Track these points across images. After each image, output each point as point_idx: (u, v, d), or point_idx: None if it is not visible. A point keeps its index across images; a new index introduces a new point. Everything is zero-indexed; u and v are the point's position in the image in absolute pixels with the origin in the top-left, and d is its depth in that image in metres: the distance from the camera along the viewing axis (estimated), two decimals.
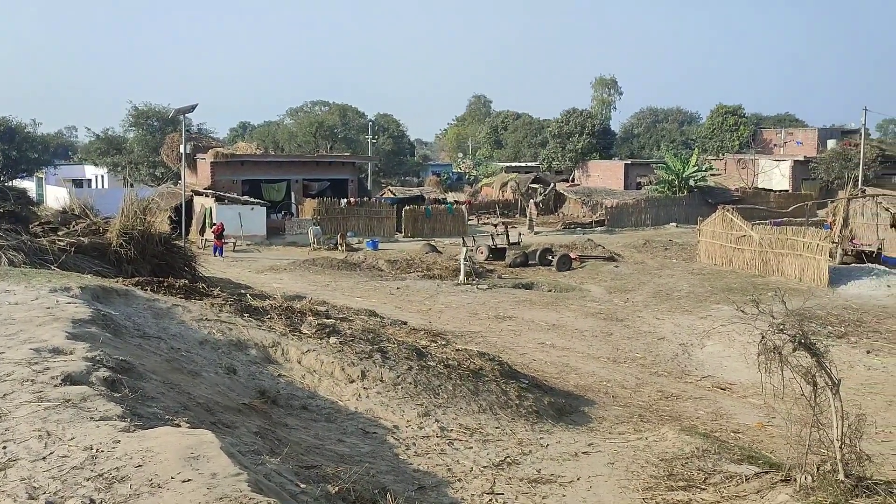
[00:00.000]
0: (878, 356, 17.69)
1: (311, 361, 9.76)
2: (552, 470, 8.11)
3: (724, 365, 16.88)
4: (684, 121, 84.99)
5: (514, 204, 52.18)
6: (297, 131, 78.48)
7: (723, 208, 32.56)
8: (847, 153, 53.19)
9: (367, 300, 21.44)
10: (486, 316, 20.55)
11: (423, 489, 6.80)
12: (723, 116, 67.96)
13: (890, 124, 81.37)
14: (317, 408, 8.56)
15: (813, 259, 26.47)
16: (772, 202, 49.00)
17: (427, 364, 10.73)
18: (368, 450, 7.55)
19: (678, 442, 9.36)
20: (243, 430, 6.27)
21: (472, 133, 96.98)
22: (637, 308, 22.98)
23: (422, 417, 9.03)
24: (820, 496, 6.67)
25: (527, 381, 12.15)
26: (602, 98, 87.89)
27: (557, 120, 69.81)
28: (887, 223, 34.03)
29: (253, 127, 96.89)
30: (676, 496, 7.47)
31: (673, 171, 49.27)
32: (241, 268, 28.00)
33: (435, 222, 42.25)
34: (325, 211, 40.47)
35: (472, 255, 30.15)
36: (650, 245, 35.66)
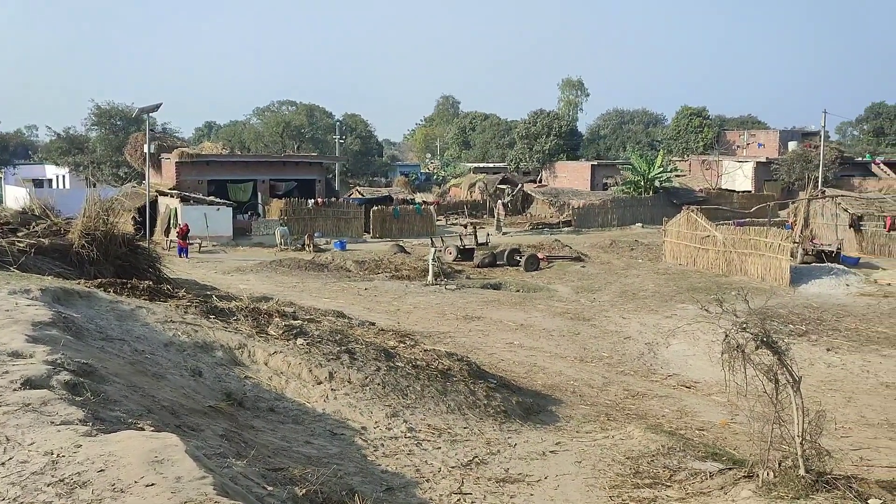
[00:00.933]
0: (838, 354, 18.08)
1: (279, 363, 9.68)
2: (520, 469, 8.15)
3: (688, 363, 17.11)
4: (650, 122, 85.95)
5: (482, 204, 52.32)
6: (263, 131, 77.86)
7: (687, 209, 33.01)
8: (807, 155, 54.26)
9: (335, 301, 21.34)
10: (454, 316, 20.58)
11: (391, 490, 6.78)
12: (687, 118, 68.87)
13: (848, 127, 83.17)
14: (284, 410, 8.50)
15: (775, 259, 26.96)
16: (735, 203, 49.77)
17: (395, 365, 10.71)
18: (336, 451, 7.51)
19: (644, 440, 9.47)
20: (209, 432, 6.20)
21: (441, 134, 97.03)
22: (604, 308, 23.20)
23: (390, 418, 9.02)
24: (781, 491, 6.79)
25: (495, 380, 12.19)
26: (569, 99, 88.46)
27: (525, 121, 70.17)
28: (846, 223, 34.83)
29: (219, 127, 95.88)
30: (642, 494, 7.55)
31: (639, 171, 49.81)
32: (207, 269, 27.67)
33: (403, 223, 42.18)
34: (293, 211, 40.17)
35: (441, 256, 30.17)
36: (616, 245, 36.01)
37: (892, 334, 20.10)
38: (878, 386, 15.74)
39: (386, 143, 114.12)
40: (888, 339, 19.65)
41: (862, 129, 76.82)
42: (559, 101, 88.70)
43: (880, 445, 11.74)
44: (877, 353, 18.27)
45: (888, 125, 71.23)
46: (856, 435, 12.28)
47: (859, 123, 78.11)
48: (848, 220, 34.85)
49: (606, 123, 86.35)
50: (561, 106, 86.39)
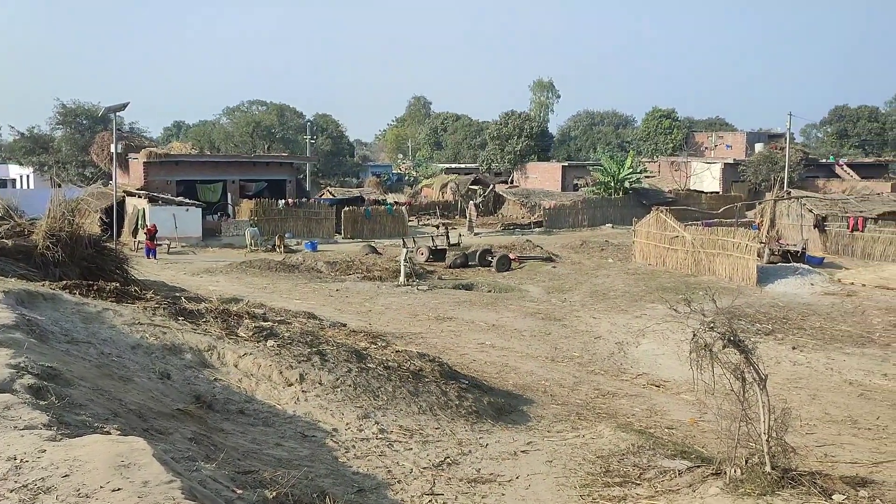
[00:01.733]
0: (803, 352, 18.39)
1: (249, 365, 9.60)
2: (492, 469, 8.17)
3: (658, 362, 17.28)
4: (620, 124, 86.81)
5: (454, 205, 52.39)
6: (233, 131, 77.22)
7: (657, 209, 33.34)
8: (773, 156, 55.17)
9: (306, 302, 21.22)
10: (426, 317, 20.57)
11: (362, 492, 6.76)
12: (657, 120, 69.67)
13: (813, 129, 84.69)
14: (254, 412, 8.43)
15: (742, 259, 27.35)
16: (703, 203, 50.41)
17: (367, 366, 10.68)
18: (307, 453, 7.47)
19: (614, 439, 9.55)
20: (177, 436, 6.13)
21: (412, 134, 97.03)
22: (574, 308, 23.35)
23: (361, 420, 8.99)
24: (748, 488, 6.90)
25: (467, 381, 12.21)
26: (540, 100, 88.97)
27: (496, 122, 70.44)
28: (811, 224, 35.47)
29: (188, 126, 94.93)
30: (612, 492, 7.62)
31: (609, 173, 50.24)
32: (176, 270, 27.35)
33: (375, 223, 42.08)
34: (263, 212, 39.88)
35: (413, 257, 30.14)
36: (587, 246, 36.26)
37: (855, 333, 20.50)
38: (841, 383, 16.04)
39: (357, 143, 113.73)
40: (851, 337, 20.04)
41: (826, 132, 78.32)
42: (530, 102, 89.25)
43: (844, 442, 11.96)
44: (840, 351, 18.62)
45: (851, 127, 72.69)
46: (820, 432, 12.50)
47: (823, 126, 79.63)
48: (812, 220, 35.48)
49: (577, 125, 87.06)
50: (532, 107, 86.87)
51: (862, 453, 11.26)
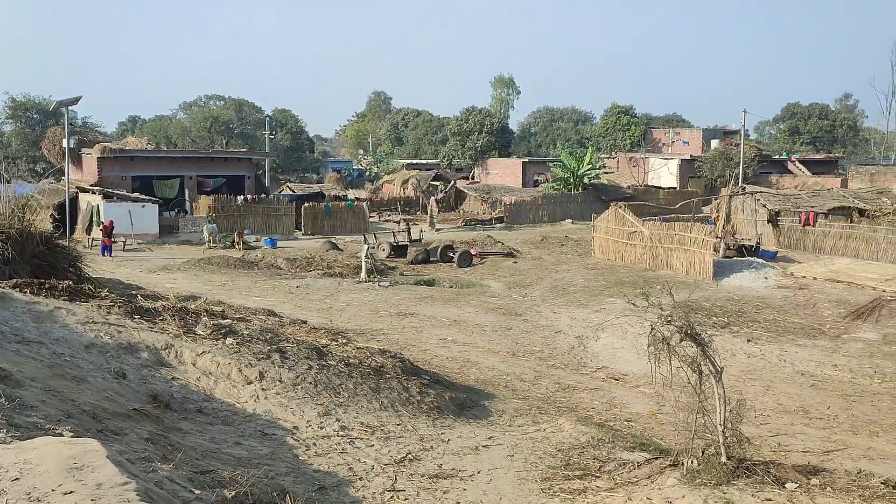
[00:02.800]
0: (757, 344, 18.80)
1: (207, 363, 9.48)
2: (453, 464, 8.19)
3: (617, 356, 17.50)
4: (579, 120, 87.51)
5: (415, 201, 52.29)
6: (190, 126, 75.98)
7: (615, 205, 33.70)
8: (729, 153, 56.17)
9: (266, 299, 21.00)
10: (387, 313, 20.52)
11: (323, 489, 6.73)
12: (616, 116, 70.39)
13: (766, 126, 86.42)
14: (213, 411, 8.32)
15: (699, 253, 27.83)
16: (661, 199, 51.10)
17: (327, 363, 10.62)
18: (267, 452, 7.40)
19: (574, 432, 9.65)
20: (133, 436, 6.02)
21: (373, 130, 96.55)
22: (535, 302, 23.51)
23: (322, 417, 8.94)
24: (705, 478, 7.03)
25: (428, 377, 12.22)
26: (501, 97, 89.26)
27: (457, 118, 70.49)
28: (764, 219, 36.22)
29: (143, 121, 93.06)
30: (573, 485, 7.70)
31: (568, 168, 50.62)
32: (132, 268, 26.83)
33: (335, 219, 41.77)
34: (221, 208, 39.27)
35: (374, 253, 30.01)
36: (547, 241, 36.51)
37: (806, 325, 21.03)
38: (794, 374, 16.44)
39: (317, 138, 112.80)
40: (803, 329, 20.55)
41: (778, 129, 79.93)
42: (491, 98, 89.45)
43: (796, 431, 12.27)
44: (793, 342, 19.08)
45: (803, 125, 74.31)
46: (774, 422, 12.81)
47: (776, 123, 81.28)
48: (766, 215, 36.22)
49: (537, 121, 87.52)
50: (493, 103, 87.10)
51: (813, 442, 11.57)
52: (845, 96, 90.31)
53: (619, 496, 7.25)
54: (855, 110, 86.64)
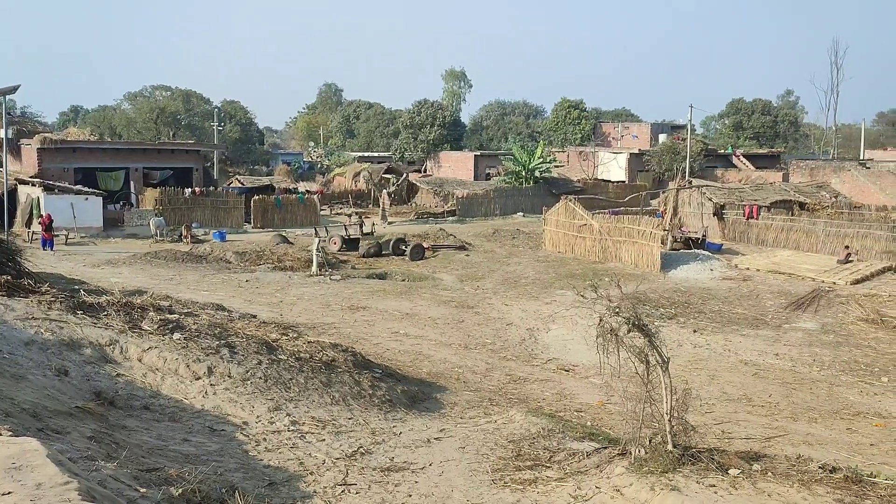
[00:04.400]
0: (703, 335, 19.25)
1: (153, 359, 9.30)
2: (405, 457, 8.20)
3: (567, 347, 17.71)
4: (530, 114, 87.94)
5: (367, 194, 52.01)
6: (136, 117, 74.19)
7: (566, 199, 34.07)
8: (676, 147, 57.21)
9: (215, 294, 20.66)
10: (339, 307, 20.40)
11: (273, 485, 6.66)
12: (566, 110, 71.02)
13: (712, 121, 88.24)
14: (160, 407, 8.17)
15: (647, 246, 28.32)
16: (610, 192, 51.83)
17: (278, 358, 10.51)
18: (216, 448, 7.30)
19: (525, 423, 9.74)
20: (75, 435, 5.87)
21: (324, 122, 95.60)
22: (487, 295, 23.64)
23: (272, 412, 8.85)
24: (652, 466, 7.17)
25: (380, 370, 12.20)
26: (452, 90, 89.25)
27: (409, 110, 70.27)
28: (710, 212, 37.04)
29: (86, 111, 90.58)
30: (523, 475, 7.77)
31: (520, 162, 50.94)
32: (75, 262, 26.11)
33: (286, 212, 41.30)
34: (168, 201, 38.45)
35: (325, 246, 29.77)
36: (499, 234, 36.73)
37: (750, 315, 21.60)
38: (738, 364, 16.88)
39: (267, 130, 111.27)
40: (747, 319, 21.10)
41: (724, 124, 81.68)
42: (443, 91, 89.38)
43: (739, 419, 12.60)
44: (737, 332, 19.58)
45: (746, 120, 76.07)
46: (718, 410, 13.13)
47: (721, 118, 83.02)
48: (712, 208, 37.05)
49: (489, 114, 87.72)
50: (444, 96, 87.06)
51: (756, 429, 11.90)
52: (787, 93, 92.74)
53: (568, 486, 7.35)
54: (796, 106, 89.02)
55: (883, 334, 19.53)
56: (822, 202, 40.39)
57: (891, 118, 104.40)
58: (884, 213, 37.19)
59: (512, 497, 7.19)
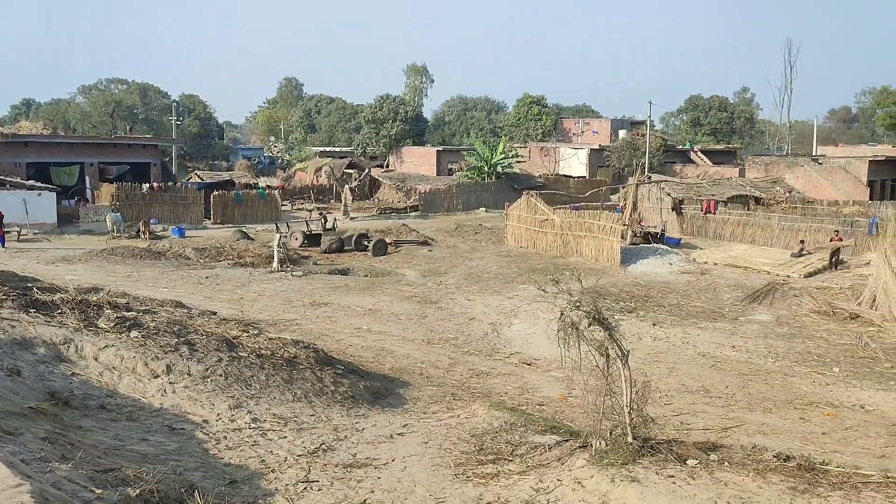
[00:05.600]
0: (662, 328, 19.54)
1: (110, 357, 9.12)
2: (368, 453, 8.18)
3: (529, 342, 17.84)
4: (492, 109, 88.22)
5: (328, 189, 51.66)
6: (90, 111, 72.70)
7: (527, 194, 34.27)
8: (636, 142, 57.90)
9: (173, 291, 20.35)
10: (300, 303, 20.25)
11: (234, 483, 6.60)
12: (527, 106, 71.35)
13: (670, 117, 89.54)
14: (117, 407, 8.02)
15: (607, 240, 28.64)
16: (571, 188, 52.21)
17: (238, 355, 10.40)
18: (175, 447, 7.20)
19: (488, 417, 9.79)
20: (28, 436, 5.73)
21: (285, 116, 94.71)
22: (450, 290, 23.68)
23: (233, 410, 8.76)
24: (612, 458, 7.27)
25: (342, 366, 12.14)
26: (414, 85, 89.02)
27: (371, 105, 69.95)
28: (669, 207, 37.60)
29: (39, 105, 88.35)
30: (486, 469, 7.81)
31: (482, 157, 51.07)
32: (28, 259, 25.48)
33: (246, 208, 40.82)
34: (126, 197, 37.71)
35: (286, 242, 29.52)
36: (462, 229, 36.81)
37: (708, 308, 21.99)
38: (696, 356, 17.17)
39: (227, 125, 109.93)
40: (705, 312, 21.48)
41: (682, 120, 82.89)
42: (405, 86, 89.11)
43: (698, 410, 12.82)
44: (695, 325, 19.92)
45: (704, 116, 77.29)
46: (677, 402, 13.34)
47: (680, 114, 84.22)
48: (671, 203, 37.61)
49: (451, 110, 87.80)
50: (406, 91, 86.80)
51: (713, 420, 12.12)
52: (743, 90, 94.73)
53: (530, 479, 7.41)
54: (752, 103, 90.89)
55: (834, 326, 20.05)
56: (777, 197, 41.29)
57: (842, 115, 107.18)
58: (835, 208, 38.18)
59: (474, 491, 7.22)
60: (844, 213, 36.04)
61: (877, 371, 16.36)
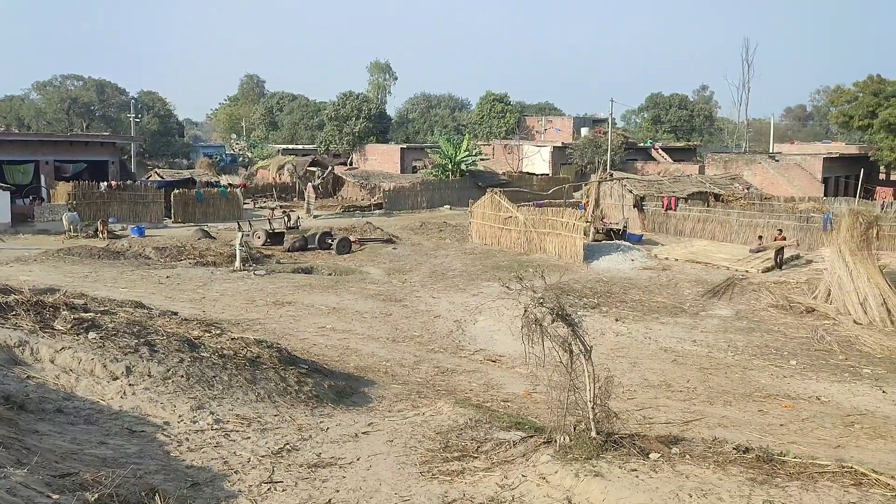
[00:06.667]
0: (625, 323, 19.77)
1: (67, 360, 8.93)
2: (332, 453, 8.13)
3: (494, 338, 17.91)
4: (456, 107, 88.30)
5: (291, 187, 51.22)
6: (45, 108, 71.04)
7: (492, 191, 34.38)
8: (598, 140, 58.44)
9: (133, 291, 19.99)
10: (264, 302, 20.05)
11: (197, 485, 6.51)
12: (491, 104, 71.55)
13: (632, 115, 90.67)
14: (74, 410, 7.86)
15: (570, 237, 28.89)
16: (535, 185, 52.53)
17: (200, 355, 10.26)
18: (135, 450, 7.08)
19: (453, 414, 9.80)
20: None
21: (246, 114, 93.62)
22: (415, 288, 23.66)
23: (195, 411, 8.64)
24: (576, 453, 7.33)
25: (306, 366, 12.05)
26: (378, 82, 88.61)
27: (334, 102, 69.52)
28: (631, 203, 38.05)
29: None
30: (451, 466, 7.82)
31: (446, 155, 51.09)
32: None
33: (208, 207, 40.24)
34: (83, 195, 36.87)
35: (249, 240, 29.20)
36: (426, 227, 36.79)
37: (669, 303, 22.31)
38: (658, 351, 17.42)
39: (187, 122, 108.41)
40: (666, 308, 21.79)
41: (643, 117, 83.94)
42: (368, 83, 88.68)
43: (660, 404, 13.01)
44: (657, 321, 20.20)
45: (664, 114, 78.37)
46: (640, 396, 13.52)
47: (641, 112, 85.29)
48: (632, 200, 38.07)
49: (414, 107, 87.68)
50: (370, 88, 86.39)
51: (675, 414, 12.31)
52: (702, 88, 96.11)
53: (495, 475, 7.44)
54: (711, 101, 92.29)
55: (791, 319, 20.50)
56: (736, 194, 42.06)
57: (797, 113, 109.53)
58: (791, 204, 39.03)
59: (440, 489, 7.22)
60: (800, 209, 36.85)
61: (832, 363, 16.78)
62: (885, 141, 45.04)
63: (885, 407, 13.78)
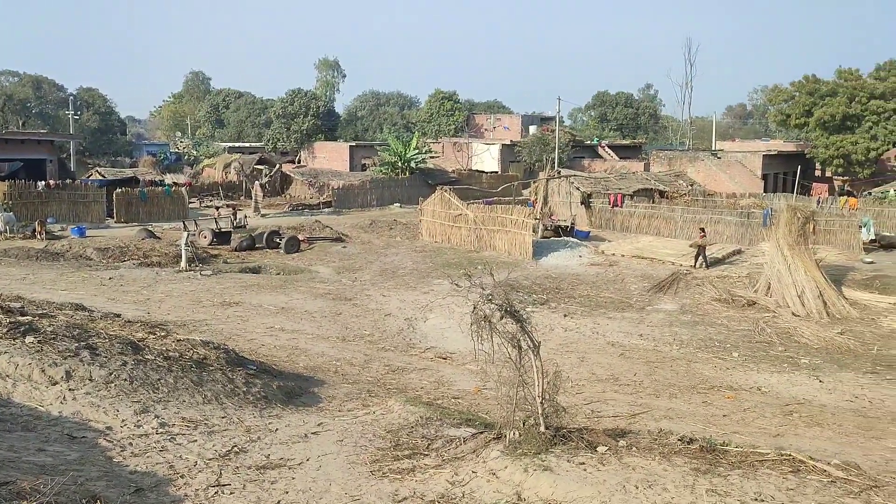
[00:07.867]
0: (573, 318, 20.03)
1: (3, 365, 8.65)
2: (281, 454, 8.05)
3: (444, 336, 17.96)
4: (405, 105, 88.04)
5: (238, 186, 50.41)
6: None
7: (441, 189, 34.43)
8: (545, 138, 58.99)
9: (74, 293, 19.43)
10: (210, 303, 19.71)
11: (141, 491, 6.37)
12: (440, 101, 71.60)
13: (579, 113, 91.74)
14: (11, 416, 7.62)
15: (519, 234, 29.12)
16: (484, 183, 52.76)
17: (144, 358, 10.04)
18: (76, 456, 6.89)
19: (404, 412, 9.80)
20: None
21: (191, 111, 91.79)
22: (365, 286, 23.55)
23: (139, 415, 8.45)
24: (525, 448, 7.40)
25: (255, 367, 11.90)
26: (326, 80, 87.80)
27: (282, 100, 68.66)
28: (578, 201, 38.53)
29: None
30: (402, 465, 7.82)
31: (396, 153, 50.92)
32: None
33: (152, 206, 39.32)
34: (19, 195, 35.65)
35: (195, 240, 28.67)
36: (376, 225, 36.66)
37: (616, 299, 22.67)
38: (605, 345, 17.69)
39: (130, 120, 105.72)
40: (614, 303, 22.15)
41: (590, 115, 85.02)
42: (316, 81, 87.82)
43: (608, 398, 13.22)
44: (604, 316, 20.52)
45: (611, 112, 79.55)
46: (588, 390, 13.72)
47: (587, 110, 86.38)
48: (580, 197, 38.55)
49: (363, 105, 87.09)
50: (318, 86, 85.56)
51: (622, 407, 12.53)
52: (647, 86, 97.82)
53: (445, 472, 7.46)
54: (655, 99, 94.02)
55: (734, 312, 21.04)
56: (680, 190, 42.95)
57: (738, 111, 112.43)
58: (733, 200, 40.03)
59: (390, 487, 7.22)
60: (742, 205, 37.82)
61: (772, 355, 17.29)
62: (820, 139, 46.53)
63: (822, 396, 14.27)
